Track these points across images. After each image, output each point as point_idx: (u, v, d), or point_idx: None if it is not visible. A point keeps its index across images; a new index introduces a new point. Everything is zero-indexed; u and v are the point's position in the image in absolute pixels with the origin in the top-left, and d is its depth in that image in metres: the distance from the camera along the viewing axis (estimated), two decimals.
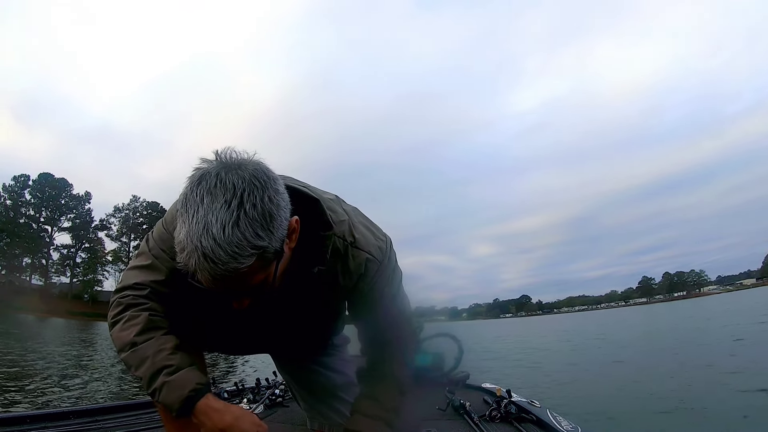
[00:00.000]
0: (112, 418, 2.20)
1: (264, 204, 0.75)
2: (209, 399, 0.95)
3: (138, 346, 0.96)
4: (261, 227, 0.74)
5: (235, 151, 0.80)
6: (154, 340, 0.96)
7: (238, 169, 0.76)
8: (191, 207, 0.74)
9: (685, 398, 5.39)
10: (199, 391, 0.93)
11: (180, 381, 0.93)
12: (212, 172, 0.76)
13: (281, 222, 0.78)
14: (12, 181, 57.92)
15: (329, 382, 1.39)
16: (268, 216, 0.75)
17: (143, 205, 65.69)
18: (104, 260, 61.99)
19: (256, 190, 0.74)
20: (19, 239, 55.24)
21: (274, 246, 0.77)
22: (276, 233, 0.77)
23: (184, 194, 0.76)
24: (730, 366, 7.23)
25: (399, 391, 1.15)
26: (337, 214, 1.02)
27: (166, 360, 0.94)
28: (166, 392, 0.92)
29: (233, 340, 1.26)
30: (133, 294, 1.02)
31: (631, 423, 4.59)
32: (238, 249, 0.72)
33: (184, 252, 0.74)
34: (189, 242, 0.73)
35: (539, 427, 2.11)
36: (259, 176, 0.76)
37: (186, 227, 0.74)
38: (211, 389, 0.97)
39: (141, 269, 1.05)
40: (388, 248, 1.10)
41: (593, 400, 5.71)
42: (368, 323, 1.19)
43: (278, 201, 0.78)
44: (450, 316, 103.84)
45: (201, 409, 0.93)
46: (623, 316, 47.48)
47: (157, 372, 0.93)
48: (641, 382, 6.80)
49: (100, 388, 6.74)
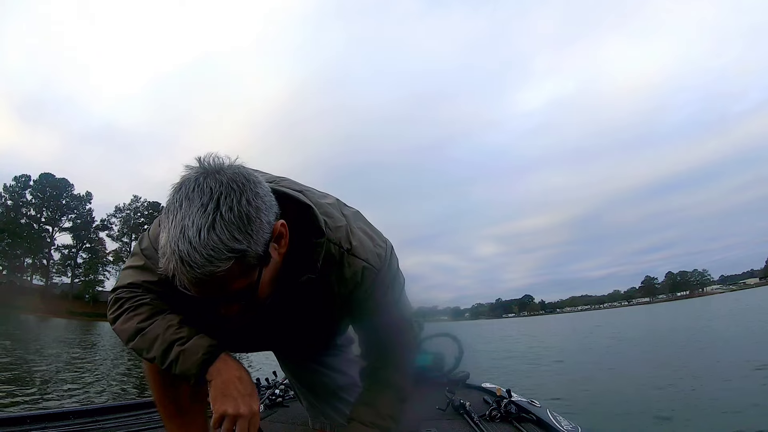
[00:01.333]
0: (112, 418, 2.20)
1: (241, 207, 0.74)
2: (226, 359, 0.96)
3: (145, 331, 0.98)
4: (238, 230, 0.73)
5: (217, 157, 0.79)
6: (160, 320, 0.98)
7: (216, 174, 0.76)
8: (171, 213, 0.74)
9: (687, 398, 5.38)
10: (212, 352, 0.95)
11: (193, 347, 0.95)
12: (192, 177, 0.76)
13: (261, 225, 0.77)
14: (13, 181, 58.17)
15: (332, 382, 1.38)
16: (245, 218, 0.74)
17: (144, 204, 65.87)
18: (105, 260, 62.14)
19: (233, 192, 0.74)
20: (20, 239, 55.38)
21: (254, 249, 0.76)
22: (255, 236, 0.76)
23: (166, 201, 0.77)
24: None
25: (397, 398, 1.14)
26: (334, 220, 1.00)
27: (175, 334, 0.96)
28: (182, 361, 0.94)
29: (234, 338, 1.25)
30: (128, 291, 1.03)
31: (632, 423, 4.58)
32: (213, 252, 0.71)
33: (164, 257, 0.74)
34: (167, 247, 0.73)
35: (539, 427, 2.10)
36: (238, 179, 0.76)
37: (165, 233, 0.74)
38: (224, 349, 0.98)
39: (135, 269, 1.05)
40: (387, 255, 1.06)
41: (597, 400, 5.69)
42: (367, 330, 1.17)
43: (258, 204, 0.77)
44: (452, 315, 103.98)
45: (216, 367, 0.94)
46: (624, 316, 47.38)
47: (170, 346, 0.95)
48: (643, 382, 6.79)
49: (100, 388, 6.74)
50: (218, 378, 0.93)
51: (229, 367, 0.95)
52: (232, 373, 0.95)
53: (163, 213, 0.77)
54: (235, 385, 0.93)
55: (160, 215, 1.07)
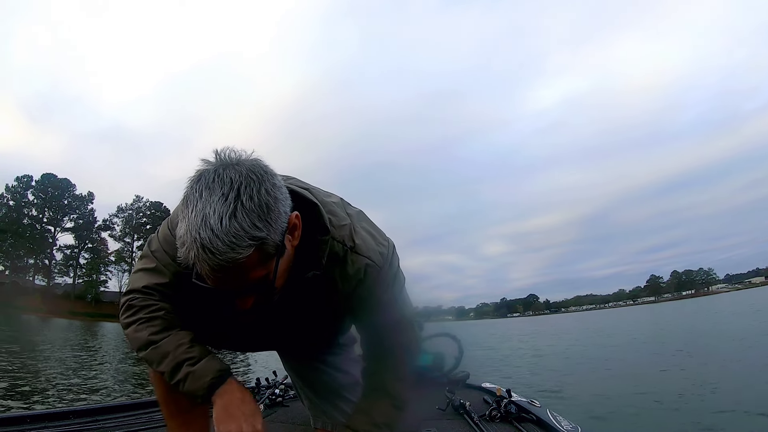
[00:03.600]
0: (112, 418, 2.20)
1: (261, 196, 0.76)
2: (231, 383, 1.00)
3: (158, 344, 1.01)
4: (258, 218, 0.76)
5: (234, 150, 0.82)
6: (172, 336, 1.01)
7: (235, 165, 0.79)
8: (191, 202, 0.76)
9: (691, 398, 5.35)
10: (220, 377, 0.99)
11: (202, 370, 0.99)
12: (211, 169, 0.79)
13: (279, 214, 0.80)
14: (15, 181, 58.32)
15: (334, 381, 1.39)
16: (265, 207, 0.77)
17: (146, 205, 65.95)
18: (107, 260, 62.27)
19: (252, 183, 0.76)
20: (22, 240, 55.53)
21: (273, 238, 0.78)
22: (274, 225, 0.78)
23: (184, 193, 0.79)
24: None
25: (393, 406, 1.14)
26: (338, 218, 1.02)
27: (186, 353, 0.99)
28: (190, 382, 0.98)
29: (238, 337, 1.27)
30: (141, 296, 1.05)
31: (633, 423, 4.56)
32: (235, 239, 0.73)
33: (184, 246, 0.76)
34: (188, 235, 0.74)
35: (539, 427, 2.11)
36: (256, 171, 0.79)
37: (185, 222, 0.76)
38: (231, 374, 1.02)
39: (146, 272, 1.07)
40: (389, 253, 1.08)
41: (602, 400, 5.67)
42: (367, 328, 1.18)
43: (275, 194, 0.79)
44: (457, 315, 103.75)
45: (221, 389, 0.99)
46: (623, 316, 47.14)
47: (179, 364, 0.99)
48: (646, 382, 6.76)
49: (100, 388, 6.75)
50: (222, 399, 0.98)
51: (233, 388, 1.00)
52: (235, 394, 0.99)
53: (182, 203, 0.79)
54: (239, 406, 0.98)
55: (168, 217, 1.09)
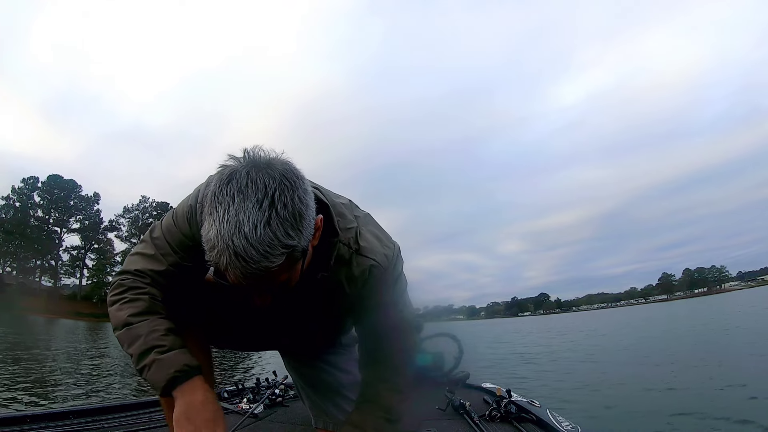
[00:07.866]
0: (112, 418, 2.20)
1: (294, 204, 0.76)
2: (196, 382, 0.95)
3: (132, 326, 0.98)
4: (291, 227, 0.75)
5: (263, 150, 0.81)
6: (149, 321, 0.98)
7: (268, 169, 0.77)
8: (221, 206, 0.74)
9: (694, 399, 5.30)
10: (186, 372, 0.94)
11: (169, 360, 0.94)
12: (242, 170, 0.76)
13: (309, 222, 0.80)
14: (21, 183, 58.80)
15: (335, 381, 1.40)
16: (298, 216, 0.76)
17: (152, 205, 66.31)
18: (114, 261, 62.60)
19: (287, 190, 0.76)
20: (29, 241, 55.97)
21: (302, 245, 0.79)
22: (305, 232, 0.79)
23: (213, 192, 0.76)
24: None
25: (386, 420, 1.13)
26: (346, 221, 1.03)
27: (157, 340, 0.96)
28: (154, 370, 0.94)
29: (241, 336, 1.28)
30: (132, 278, 1.04)
31: (633, 423, 4.52)
32: (269, 248, 0.73)
33: (214, 250, 0.75)
34: (220, 241, 0.73)
35: (539, 427, 2.09)
36: (289, 176, 0.78)
37: (216, 225, 0.74)
38: (200, 373, 0.97)
39: (143, 257, 1.06)
40: (395, 256, 1.09)
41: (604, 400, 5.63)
42: (367, 330, 1.19)
43: (307, 201, 0.79)
44: (468, 315, 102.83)
45: (183, 387, 0.93)
46: (627, 315, 46.86)
47: (148, 350, 0.95)
48: (646, 381, 6.71)
49: (100, 388, 6.78)
50: (182, 399, 0.93)
51: (197, 388, 0.95)
52: (197, 395, 0.94)
53: (210, 204, 0.76)
54: (198, 410, 0.92)
55: (174, 209, 1.08)
